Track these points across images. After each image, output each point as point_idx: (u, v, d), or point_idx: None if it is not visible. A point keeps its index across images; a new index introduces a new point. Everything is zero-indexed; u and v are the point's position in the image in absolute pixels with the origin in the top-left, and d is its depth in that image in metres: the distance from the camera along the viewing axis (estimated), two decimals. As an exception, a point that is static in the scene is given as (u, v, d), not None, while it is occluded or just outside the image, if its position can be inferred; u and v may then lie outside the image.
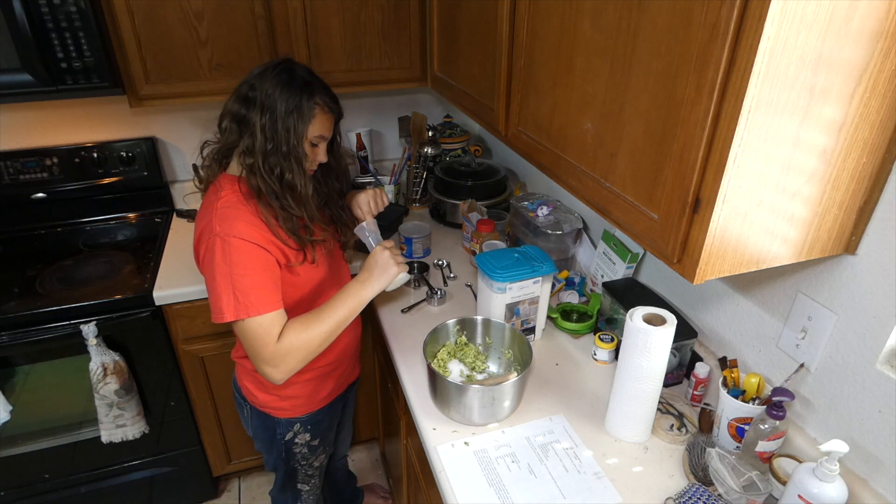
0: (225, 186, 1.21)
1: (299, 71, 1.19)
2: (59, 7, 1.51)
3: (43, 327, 1.64)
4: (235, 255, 1.13)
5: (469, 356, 1.35)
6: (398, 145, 2.50)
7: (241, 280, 1.13)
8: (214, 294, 1.14)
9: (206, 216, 1.17)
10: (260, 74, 1.17)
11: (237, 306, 1.13)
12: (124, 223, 2.10)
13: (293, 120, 1.15)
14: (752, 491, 1.01)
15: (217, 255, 1.13)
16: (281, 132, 1.15)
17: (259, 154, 1.16)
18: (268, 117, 1.14)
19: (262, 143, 1.15)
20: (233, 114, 1.18)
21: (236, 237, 1.13)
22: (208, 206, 1.19)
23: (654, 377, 1.10)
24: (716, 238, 0.82)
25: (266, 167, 1.16)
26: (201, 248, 1.17)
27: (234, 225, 1.14)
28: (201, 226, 1.18)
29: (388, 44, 1.91)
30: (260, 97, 1.15)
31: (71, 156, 1.99)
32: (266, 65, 1.19)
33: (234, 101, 1.19)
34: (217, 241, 1.13)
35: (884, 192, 0.88)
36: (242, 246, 1.14)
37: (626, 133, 0.94)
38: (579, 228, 1.71)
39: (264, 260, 1.17)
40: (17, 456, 1.81)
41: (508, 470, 1.12)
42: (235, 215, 1.16)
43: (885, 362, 0.95)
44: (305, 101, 1.16)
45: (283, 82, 1.15)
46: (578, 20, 1.02)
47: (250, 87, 1.16)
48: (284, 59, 1.21)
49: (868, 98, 0.78)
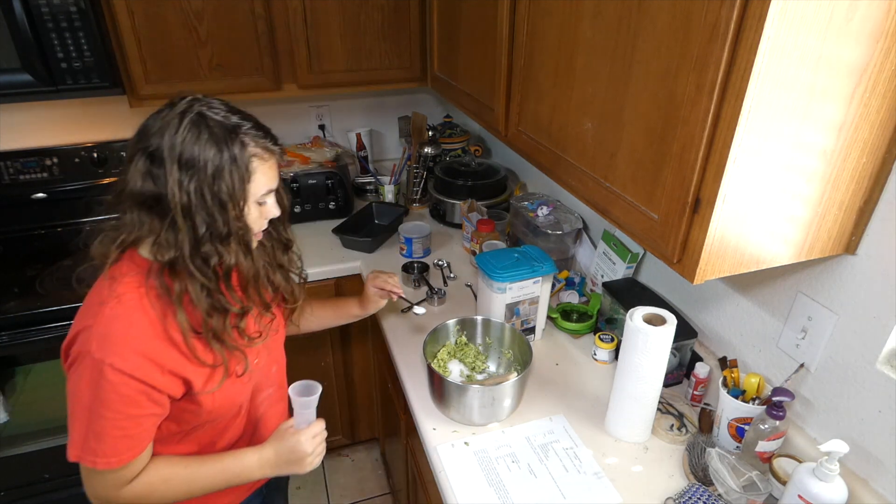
0: (125, 278, 0.88)
1: (213, 112, 0.86)
2: (59, 7, 1.51)
3: (43, 327, 1.64)
4: (105, 391, 0.84)
5: (469, 356, 1.35)
6: (398, 145, 2.50)
7: (100, 423, 0.86)
8: (70, 419, 0.90)
9: (88, 318, 0.86)
10: (159, 133, 0.83)
11: (84, 450, 0.88)
12: (124, 223, 2.10)
13: (227, 187, 0.85)
14: (752, 491, 1.01)
15: (83, 380, 0.85)
16: (213, 211, 0.85)
17: (186, 245, 0.85)
18: (189, 193, 0.83)
19: (187, 230, 0.84)
20: (139, 199, 0.85)
21: (116, 370, 0.83)
22: (95, 303, 0.87)
23: (654, 377, 1.10)
24: (716, 238, 0.82)
25: (196, 262, 0.86)
26: (71, 355, 0.88)
27: (119, 351, 0.84)
28: (79, 326, 0.87)
29: (387, 44, 1.91)
30: (170, 168, 0.82)
31: (71, 156, 1.99)
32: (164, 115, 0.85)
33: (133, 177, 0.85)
34: (88, 363, 0.84)
35: (884, 192, 0.88)
36: (120, 382, 0.84)
37: (626, 133, 0.94)
38: (579, 228, 1.71)
39: (149, 402, 0.88)
40: (17, 456, 1.81)
41: (508, 470, 1.12)
42: (124, 334, 0.85)
43: (885, 362, 0.95)
44: (238, 154, 0.85)
45: (197, 138, 0.83)
46: (578, 20, 1.02)
47: (151, 158, 0.83)
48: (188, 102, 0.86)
49: (868, 98, 0.78)
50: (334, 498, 2.21)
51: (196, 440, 1.03)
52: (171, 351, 0.89)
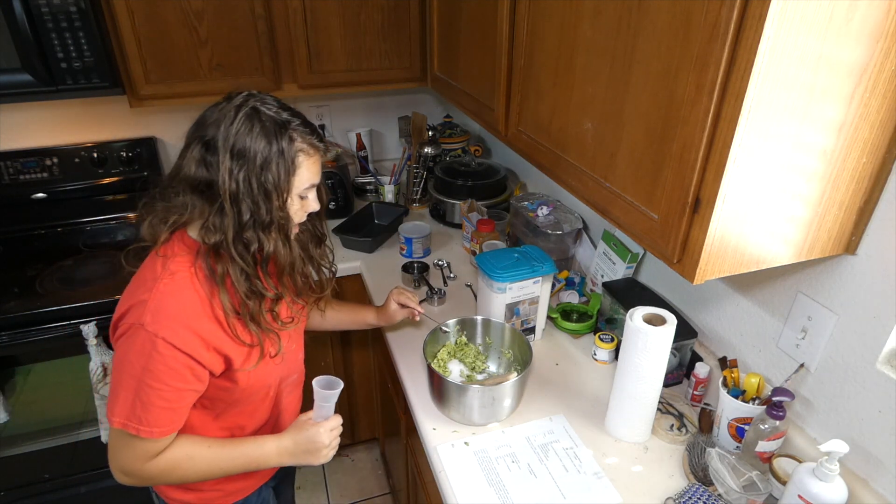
0: (177, 257, 0.94)
1: (266, 108, 0.91)
2: (59, 7, 1.51)
3: (43, 327, 1.64)
4: (156, 362, 0.89)
5: (469, 356, 1.35)
6: (398, 145, 2.50)
7: (148, 392, 0.90)
8: (114, 387, 0.93)
9: (142, 293, 0.92)
10: (215, 124, 0.89)
11: (130, 418, 0.91)
12: (124, 223, 2.10)
13: (273, 178, 0.90)
14: (752, 491, 1.01)
15: (134, 350, 0.89)
16: (258, 199, 0.90)
17: (230, 229, 0.90)
18: (238, 181, 0.89)
19: (233, 216, 0.90)
20: (192, 183, 0.91)
21: (168, 343, 0.89)
22: (149, 279, 0.93)
23: (654, 377, 1.10)
24: (716, 238, 0.82)
25: (238, 248, 0.92)
26: (122, 326, 0.93)
27: (171, 325, 0.89)
28: (131, 301, 0.92)
29: (387, 44, 1.91)
30: (223, 157, 0.88)
31: (71, 156, 1.99)
32: (221, 108, 0.91)
33: (188, 164, 0.91)
34: (141, 335, 0.89)
35: (884, 192, 0.88)
36: (170, 355, 0.89)
37: (626, 133, 0.94)
38: (579, 228, 1.71)
39: (192, 377, 0.94)
40: (17, 456, 1.81)
41: (508, 470, 1.12)
42: (177, 310, 0.91)
43: (885, 362, 0.95)
44: (286, 148, 0.91)
45: (250, 130, 0.89)
46: (578, 20, 1.02)
47: (206, 147, 0.89)
48: (244, 97, 0.92)
49: (868, 98, 0.78)
50: (334, 498, 2.21)
51: (226, 424, 1.08)
52: (216, 328, 0.95)
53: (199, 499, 1.13)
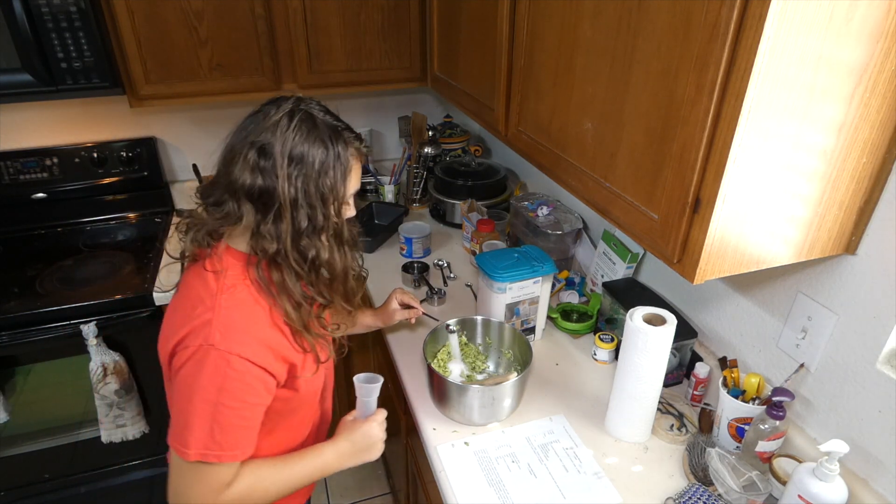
0: (229, 271, 0.90)
1: (318, 112, 0.92)
2: (59, 7, 1.51)
3: (43, 327, 1.63)
4: (231, 381, 0.85)
5: (469, 356, 1.35)
6: (398, 145, 2.50)
7: (227, 414, 0.85)
8: (183, 418, 0.86)
9: (201, 312, 0.87)
10: (271, 129, 0.87)
11: (209, 445, 0.86)
12: (124, 223, 2.10)
13: (330, 183, 0.89)
14: (752, 491, 1.01)
15: (206, 373, 0.84)
16: (316, 205, 0.89)
17: (287, 237, 0.88)
18: (297, 187, 0.87)
19: (290, 223, 0.87)
20: (248, 192, 0.87)
21: (243, 358, 0.85)
22: (205, 297, 0.88)
23: (654, 377, 1.10)
24: (716, 238, 0.82)
25: (295, 255, 0.90)
26: (183, 351, 0.86)
27: (243, 339, 0.86)
28: (191, 323, 0.86)
29: (387, 44, 1.91)
30: (280, 164, 0.85)
31: (71, 156, 1.99)
32: (269, 114, 0.88)
33: (241, 172, 0.87)
34: (213, 355, 0.84)
35: (884, 192, 0.88)
36: (246, 371, 0.86)
37: (626, 133, 0.94)
38: (579, 228, 1.71)
39: (265, 390, 0.90)
40: (17, 456, 1.81)
41: (508, 470, 1.12)
42: (246, 323, 0.88)
43: (885, 362, 0.95)
44: (342, 152, 0.90)
45: (307, 135, 0.87)
46: (578, 20, 1.02)
47: (261, 153, 0.86)
48: (294, 102, 0.91)
49: (868, 98, 0.78)
50: (334, 498, 2.22)
51: (278, 439, 1.05)
52: (280, 337, 0.93)
53: None
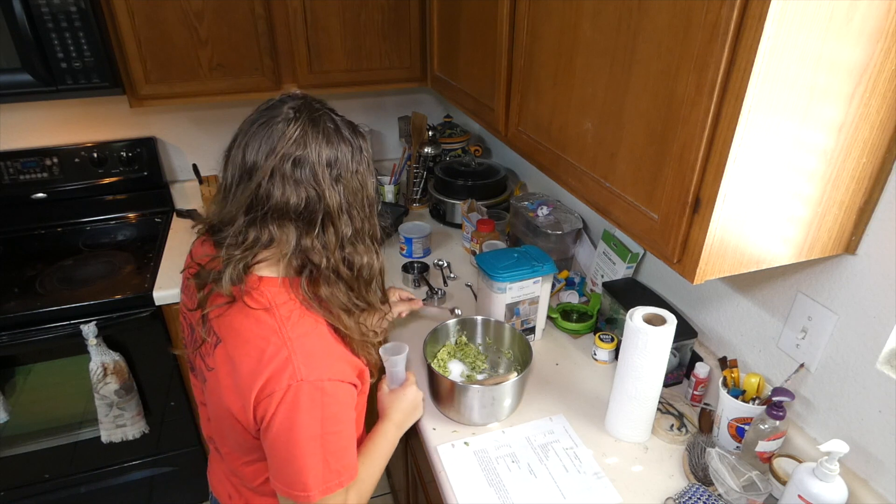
0: (275, 296, 0.86)
1: (326, 110, 0.90)
2: (59, 7, 1.51)
3: (43, 327, 1.64)
4: (330, 406, 0.82)
5: (469, 356, 1.35)
6: (398, 145, 2.50)
7: (335, 441, 0.84)
8: (293, 464, 0.82)
9: (275, 351, 0.81)
10: (300, 141, 0.82)
11: (328, 478, 0.83)
12: (124, 223, 2.10)
13: (362, 179, 0.88)
14: (752, 491, 1.01)
15: (304, 409, 0.80)
16: (356, 207, 0.87)
17: (334, 248, 0.85)
18: (339, 195, 0.84)
19: (334, 234, 0.85)
20: (294, 210, 0.82)
21: (334, 381, 0.83)
22: (270, 335, 0.83)
23: (654, 377, 1.10)
24: (716, 238, 0.82)
25: (344, 265, 0.87)
26: (267, 398, 0.80)
27: (326, 362, 0.84)
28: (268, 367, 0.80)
29: (388, 44, 1.91)
30: (320, 174, 0.82)
31: (71, 156, 1.99)
32: (284, 120, 0.83)
33: (280, 190, 0.81)
34: (305, 389, 0.80)
35: (884, 192, 0.88)
36: (339, 391, 0.84)
37: (626, 133, 0.94)
38: (579, 228, 1.71)
39: (353, 403, 0.89)
40: (17, 456, 1.81)
41: (508, 470, 1.12)
42: (321, 347, 0.85)
43: (885, 362, 0.95)
44: (363, 145, 0.89)
45: (332, 139, 0.85)
46: (578, 20, 1.02)
47: (295, 163, 0.81)
48: (307, 107, 0.86)
49: (868, 98, 0.78)
50: (334, 498, 2.21)
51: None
52: (344, 349, 0.91)
53: None
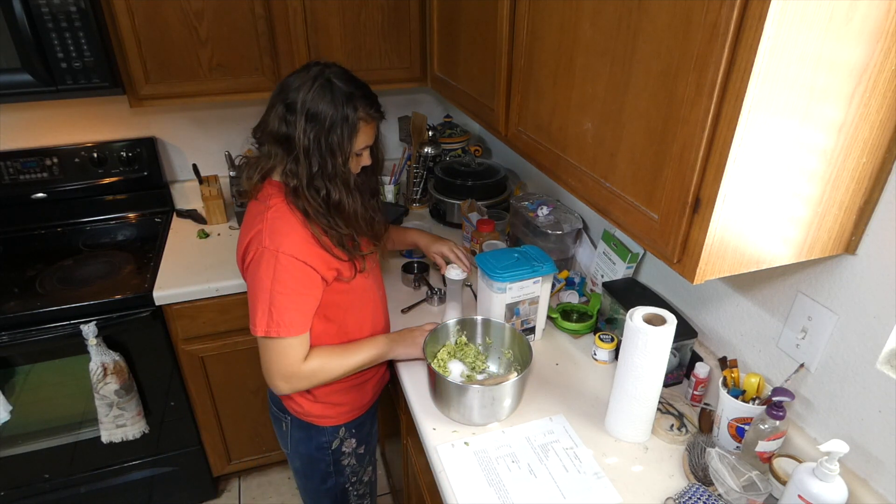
0: (273, 195, 1.17)
1: (339, 81, 1.12)
2: (59, 7, 1.51)
3: (43, 327, 1.64)
4: (281, 272, 1.10)
5: (469, 356, 1.35)
6: (398, 145, 2.50)
7: (280, 298, 1.11)
8: (252, 306, 1.14)
9: (256, 224, 1.14)
10: (298, 89, 1.10)
11: (269, 323, 1.12)
12: (124, 223, 2.11)
13: (337, 139, 1.11)
14: (752, 491, 1.01)
15: (262, 267, 1.11)
16: (325, 154, 1.11)
17: (304, 177, 1.12)
18: (310, 139, 1.10)
19: (305, 166, 1.11)
20: (274, 136, 1.13)
21: (286, 254, 1.10)
22: (257, 215, 1.16)
23: (654, 377, 1.10)
24: (716, 238, 0.82)
25: (311, 190, 1.13)
26: (248, 255, 1.15)
27: (285, 241, 1.11)
28: (251, 234, 1.15)
29: (388, 44, 1.91)
30: (300, 118, 1.09)
31: (71, 156, 1.99)
32: (302, 76, 1.12)
33: (273, 120, 1.13)
34: (265, 254, 1.11)
35: (884, 192, 0.88)
36: (290, 264, 1.11)
37: (626, 133, 0.94)
38: (579, 228, 1.71)
39: (309, 280, 1.15)
40: (17, 456, 1.81)
41: (508, 470, 1.12)
42: (287, 229, 1.13)
43: (885, 362, 0.95)
44: (350, 115, 1.11)
45: (322, 98, 1.09)
46: (578, 20, 1.02)
47: (288, 107, 1.10)
48: (319, 69, 1.13)
49: (868, 98, 0.78)
50: (334, 498, 2.21)
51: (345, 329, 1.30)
52: (317, 245, 1.16)
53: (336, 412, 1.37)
